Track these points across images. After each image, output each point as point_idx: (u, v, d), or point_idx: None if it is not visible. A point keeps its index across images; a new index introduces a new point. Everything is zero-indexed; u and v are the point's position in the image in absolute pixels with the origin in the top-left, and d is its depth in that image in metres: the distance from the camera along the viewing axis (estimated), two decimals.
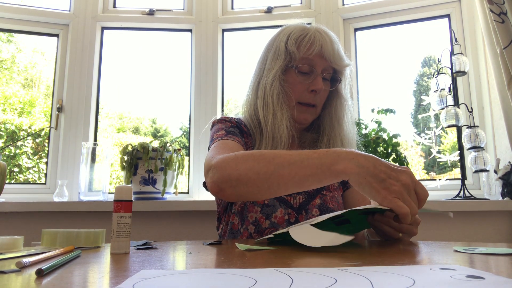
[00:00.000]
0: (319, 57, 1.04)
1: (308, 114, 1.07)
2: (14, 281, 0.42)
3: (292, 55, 1.05)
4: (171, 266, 0.51)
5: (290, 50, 1.05)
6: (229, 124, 1.06)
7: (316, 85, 1.03)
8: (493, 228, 1.64)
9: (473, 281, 0.37)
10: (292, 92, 1.05)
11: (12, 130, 3.15)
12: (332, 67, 1.07)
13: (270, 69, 1.06)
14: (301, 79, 1.05)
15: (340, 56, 1.06)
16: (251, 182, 0.78)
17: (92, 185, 1.77)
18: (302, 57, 1.04)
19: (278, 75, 1.05)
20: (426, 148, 2.40)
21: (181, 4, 2.27)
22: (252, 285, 0.37)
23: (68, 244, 0.73)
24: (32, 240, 0.90)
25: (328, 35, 1.05)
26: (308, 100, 1.06)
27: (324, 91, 1.08)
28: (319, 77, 1.04)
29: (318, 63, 1.05)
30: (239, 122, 1.10)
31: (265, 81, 1.06)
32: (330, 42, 1.04)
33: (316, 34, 1.04)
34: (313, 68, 1.05)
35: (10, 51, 3.68)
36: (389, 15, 2.10)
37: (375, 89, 2.28)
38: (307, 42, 1.04)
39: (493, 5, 1.69)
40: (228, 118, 1.09)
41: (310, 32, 1.05)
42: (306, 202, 1.03)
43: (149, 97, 3.41)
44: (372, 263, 0.50)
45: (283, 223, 0.99)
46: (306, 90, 1.05)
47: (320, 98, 1.07)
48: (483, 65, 1.89)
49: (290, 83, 1.06)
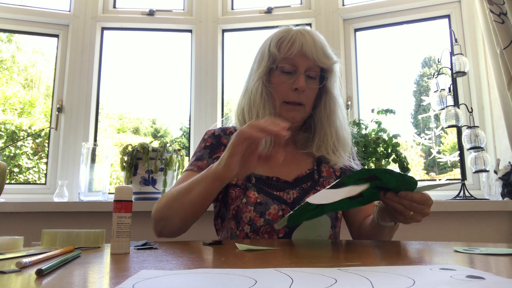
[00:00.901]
0: (301, 56, 1.06)
1: (295, 112, 1.08)
2: (14, 281, 0.42)
3: (275, 56, 1.08)
4: (171, 266, 0.51)
5: (272, 52, 1.08)
6: (203, 145, 1.13)
7: (298, 83, 1.05)
8: (493, 228, 1.64)
9: (473, 281, 0.37)
10: (277, 92, 1.08)
11: (12, 130, 3.15)
12: (318, 66, 1.08)
13: (255, 73, 1.11)
14: (284, 78, 1.07)
15: (325, 54, 1.07)
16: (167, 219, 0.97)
17: (92, 185, 1.77)
18: (283, 57, 1.07)
19: (261, 76, 1.08)
20: (426, 148, 2.40)
21: (181, 4, 2.27)
22: (252, 285, 0.37)
23: (68, 244, 0.73)
24: (32, 240, 0.90)
25: (310, 35, 1.07)
26: (293, 99, 1.07)
27: (311, 90, 1.09)
28: (301, 76, 1.06)
29: (300, 62, 1.06)
30: (223, 132, 1.15)
31: (251, 84, 1.11)
32: (312, 41, 1.05)
33: (297, 35, 1.07)
34: (296, 68, 1.06)
35: (10, 50, 3.68)
36: (389, 15, 2.10)
37: (375, 89, 2.28)
38: (287, 43, 1.06)
39: (493, 6, 1.69)
40: (210, 133, 1.16)
41: (291, 33, 1.08)
42: (300, 197, 1.04)
43: (149, 98, 3.41)
44: (372, 263, 0.50)
45: (277, 219, 0.99)
46: (290, 89, 1.06)
47: (307, 96, 1.08)
48: (483, 65, 1.89)
49: (274, 83, 1.09)
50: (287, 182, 1.06)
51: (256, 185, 1.04)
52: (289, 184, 1.06)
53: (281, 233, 0.99)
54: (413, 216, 0.79)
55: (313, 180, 1.08)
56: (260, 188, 1.04)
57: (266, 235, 0.99)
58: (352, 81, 2.10)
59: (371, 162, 1.65)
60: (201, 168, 1.05)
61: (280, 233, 0.99)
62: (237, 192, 1.04)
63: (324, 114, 1.12)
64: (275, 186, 1.05)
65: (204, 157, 1.09)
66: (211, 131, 1.16)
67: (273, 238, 0.99)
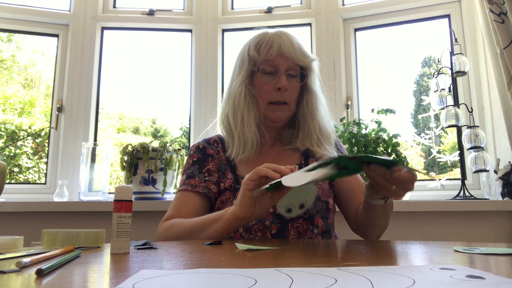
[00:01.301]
0: (280, 57, 1.09)
1: (281, 112, 1.11)
2: (14, 281, 0.42)
3: (255, 60, 1.11)
4: (171, 266, 0.51)
5: (252, 55, 1.11)
6: (191, 161, 1.14)
7: (280, 82, 1.08)
8: (493, 228, 1.64)
9: (473, 281, 0.37)
10: (261, 94, 1.11)
11: (12, 130, 3.15)
12: (298, 64, 1.12)
13: (237, 77, 1.14)
14: (266, 79, 1.10)
15: (303, 53, 1.11)
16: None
17: (92, 185, 1.77)
18: (263, 59, 1.10)
19: (243, 80, 1.12)
20: (426, 148, 2.40)
21: (181, 4, 2.27)
22: (252, 285, 0.37)
23: (68, 244, 0.73)
24: (32, 240, 0.90)
25: (286, 36, 1.11)
26: (277, 98, 1.10)
27: (293, 88, 1.12)
28: (283, 75, 1.09)
29: (280, 62, 1.09)
30: (207, 144, 1.17)
31: (233, 89, 1.14)
32: (289, 41, 1.09)
33: (275, 37, 1.10)
34: (277, 68, 1.10)
35: (10, 49, 3.68)
36: (389, 15, 2.10)
37: (375, 89, 2.28)
38: (265, 45, 1.10)
39: (493, 5, 1.69)
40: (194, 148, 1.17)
41: (268, 36, 1.11)
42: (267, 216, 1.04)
43: (149, 97, 3.41)
44: (372, 263, 0.50)
45: (268, 216, 1.01)
46: (273, 89, 1.09)
47: (290, 95, 1.11)
48: (483, 65, 1.89)
49: (257, 85, 1.12)
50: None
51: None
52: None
53: (274, 229, 1.00)
54: (396, 191, 0.77)
55: None
56: None
57: (259, 233, 1.00)
58: (352, 81, 2.10)
59: None
60: (194, 186, 1.08)
61: (273, 230, 1.00)
62: (227, 195, 1.07)
63: (307, 111, 1.15)
64: None
65: (195, 173, 1.11)
66: (195, 145, 1.18)
67: (266, 236, 1.00)
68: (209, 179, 1.10)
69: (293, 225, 1.02)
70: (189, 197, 1.07)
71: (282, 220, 1.01)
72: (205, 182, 1.10)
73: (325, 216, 1.07)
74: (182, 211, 1.05)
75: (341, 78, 2.07)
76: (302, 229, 1.03)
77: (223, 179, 1.11)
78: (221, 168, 1.13)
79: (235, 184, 1.08)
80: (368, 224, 1.01)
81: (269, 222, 1.01)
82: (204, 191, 1.07)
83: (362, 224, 1.05)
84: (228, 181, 1.09)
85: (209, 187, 1.09)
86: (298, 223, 1.03)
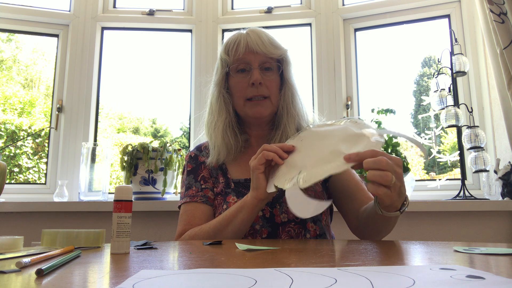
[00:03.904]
0: (250, 53, 1.09)
1: (260, 107, 1.09)
2: (14, 281, 0.42)
3: (227, 62, 1.12)
4: (171, 266, 0.51)
5: (223, 58, 1.12)
6: (186, 172, 1.16)
7: (253, 77, 1.07)
8: (493, 228, 1.64)
9: (473, 281, 0.37)
10: (236, 92, 1.11)
11: (12, 130, 3.15)
12: (271, 57, 1.10)
13: (213, 83, 1.17)
14: (239, 78, 1.10)
15: (274, 45, 1.10)
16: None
17: (92, 185, 1.77)
18: (234, 59, 1.11)
19: (218, 83, 1.14)
20: (426, 148, 2.40)
21: (181, 4, 2.27)
22: (252, 285, 0.37)
23: (68, 244, 0.73)
24: (32, 240, 0.90)
25: (254, 32, 1.11)
26: (252, 94, 1.08)
27: (271, 81, 1.10)
28: (255, 70, 1.08)
29: (251, 58, 1.09)
30: (198, 151, 1.19)
31: (210, 94, 1.18)
32: (256, 37, 1.09)
33: (242, 36, 1.11)
34: (249, 65, 1.09)
35: (10, 49, 3.68)
36: (389, 15, 2.10)
37: (375, 89, 2.27)
38: (233, 46, 1.10)
39: (493, 5, 1.69)
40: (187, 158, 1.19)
41: (235, 36, 1.12)
42: (279, 195, 1.03)
43: (149, 97, 3.41)
44: (372, 263, 0.50)
45: (258, 220, 1.00)
46: (248, 86, 1.09)
47: (269, 88, 1.09)
48: (483, 65, 1.89)
49: (231, 86, 1.13)
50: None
51: (235, 190, 1.07)
52: None
53: (264, 233, 1.00)
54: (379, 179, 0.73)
55: None
56: (238, 192, 1.06)
57: (250, 237, 0.99)
58: (352, 80, 2.10)
59: None
60: (193, 196, 1.09)
61: (263, 234, 1.00)
62: (219, 200, 1.07)
63: (284, 105, 1.13)
64: None
65: (191, 184, 1.12)
66: (188, 155, 1.20)
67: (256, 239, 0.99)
68: (205, 187, 1.11)
69: (284, 228, 1.00)
70: (193, 208, 1.08)
71: (273, 224, 1.01)
72: (202, 190, 1.10)
73: (318, 219, 1.04)
74: (193, 222, 1.05)
75: (341, 78, 2.07)
76: (294, 233, 1.01)
77: (216, 184, 1.11)
78: (213, 173, 1.14)
79: (225, 188, 1.08)
80: (375, 230, 0.95)
81: (259, 226, 1.00)
82: (202, 200, 1.08)
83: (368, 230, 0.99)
84: (220, 186, 1.10)
85: (206, 195, 1.10)
86: (290, 227, 1.01)
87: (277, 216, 1.02)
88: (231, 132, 1.11)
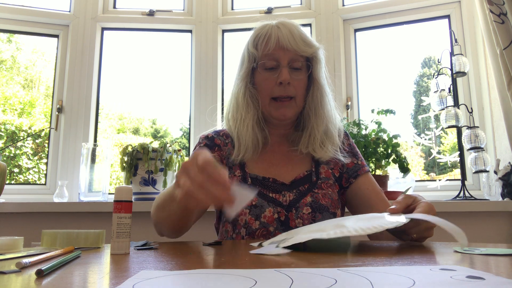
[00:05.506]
0: (280, 49, 1.04)
1: (285, 109, 1.05)
2: (14, 282, 0.42)
3: (254, 56, 1.07)
4: (171, 266, 0.51)
5: (251, 52, 1.07)
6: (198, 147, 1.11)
7: (282, 76, 1.02)
8: (493, 229, 1.64)
9: (473, 282, 0.37)
10: (262, 90, 1.06)
11: (12, 130, 3.15)
12: (301, 55, 1.05)
13: (238, 76, 1.11)
14: (267, 75, 1.05)
15: (306, 42, 1.04)
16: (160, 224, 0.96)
17: (92, 185, 1.77)
18: (262, 54, 1.05)
19: (244, 78, 1.08)
20: (426, 148, 2.40)
21: (181, 4, 2.27)
22: (252, 285, 0.37)
23: (68, 245, 0.73)
24: (32, 240, 0.90)
25: (286, 26, 1.04)
26: (279, 93, 1.04)
27: (299, 81, 1.06)
28: (284, 69, 1.03)
29: (281, 55, 1.04)
30: (216, 134, 1.14)
31: (235, 88, 1.11)
32: (288, 32, 1.03)
33: (273, 29, 1.05)
34: (278, 62, 1.04)
35: (10, 50, 3.68)
36: (389, 15, 2.10)
37: (375, 89, 2.28)
38: (263, 40, 1.05)
39: (493, 6, 1.69)
40: (203, 136, 1.14)
41: (266, 29, 1.06)
42: (296, 200, 1.01)
43: (149, 98, 3.41)
44: (372, 263, 0.50)
45: (272, 222, 0.97)
46: (275, 84, 1.04)
47: (296, 88, 1.05)
48: (483, 65, 1.89)
49: (258, 82, 1.07)
50: (284, 184, 1.04)
51: (251, 187, 1.03)
52: (285, 186, 1.04)
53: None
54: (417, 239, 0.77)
55: (310, 182, 1.05)
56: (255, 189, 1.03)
57: (262, 238, 0.97)
58: (352, 81, 2.10)
59: (371, 162, 1.65)
60: None
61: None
62: None
63: (312, 106, 1.09)
64: (271, 188, 1.03)
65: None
66: (205, 135, 1.15)
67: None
68: None
69: None
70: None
71: (287, 227, 0.97)
72: None
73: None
74: None
75: (341, 78, 2.07)
76: None
77: (230, 174, 1.06)
78: (228, 162, 1.09)
79: (242, 183, 1.03)
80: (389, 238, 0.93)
81: (273, 228, 0.97)
82: None
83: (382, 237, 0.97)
84: (235, 178, 1.05)
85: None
86: None
87: (292, 221, 0.99)
88: (259, 129, 1.07)
